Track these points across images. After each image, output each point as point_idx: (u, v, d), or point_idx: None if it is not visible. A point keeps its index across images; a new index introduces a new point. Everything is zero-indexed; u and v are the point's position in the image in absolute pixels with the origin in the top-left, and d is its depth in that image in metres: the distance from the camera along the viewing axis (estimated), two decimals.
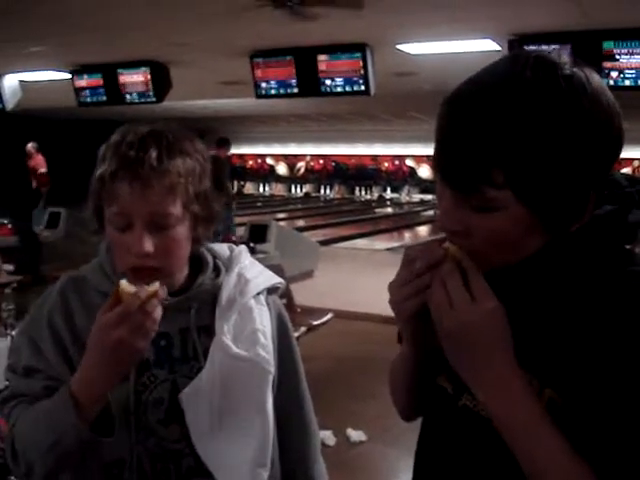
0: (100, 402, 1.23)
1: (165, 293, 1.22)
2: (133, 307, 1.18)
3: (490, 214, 0.91)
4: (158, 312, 1.20)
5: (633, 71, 5.64)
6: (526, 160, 0.87)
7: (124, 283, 1.20)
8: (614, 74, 5.64)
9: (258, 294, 1.46)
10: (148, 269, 1.29)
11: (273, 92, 7.49)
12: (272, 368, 1.40)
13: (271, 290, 1.51)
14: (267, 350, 1.40)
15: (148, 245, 1.26)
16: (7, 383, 1.40)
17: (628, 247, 0.99)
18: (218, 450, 1.34)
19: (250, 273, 1.47)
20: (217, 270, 1.47)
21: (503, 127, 0.87)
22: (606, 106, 0.90)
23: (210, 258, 1.48)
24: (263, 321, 1.44)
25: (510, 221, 0.91)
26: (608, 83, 5.63)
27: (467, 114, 0.90)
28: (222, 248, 1.53)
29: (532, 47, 5.38)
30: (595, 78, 0.91)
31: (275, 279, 1.52)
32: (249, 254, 1.55)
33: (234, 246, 1.55)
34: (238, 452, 1.36)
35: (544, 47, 5.21)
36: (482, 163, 0.88)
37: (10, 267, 7.93)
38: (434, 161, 0.96)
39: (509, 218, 0.91)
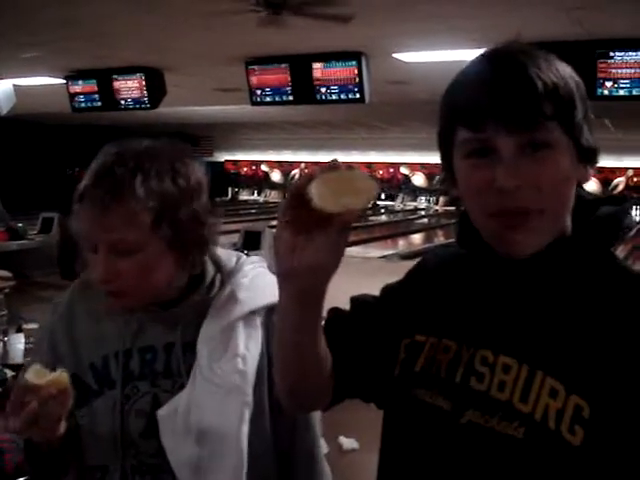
0: (49, 443, 1.26)
1: (66, 378, 1.22)
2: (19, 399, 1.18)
3: (547, 152, 0.94)
4: (34, 405, 1.17)
5: (627, 81, 5.65)
6: (564, 92, 0.95)
7: (32, 370, 1.20)
8: (608, 84, 5.65)
9: (253, 314, 1.39)
10: (115, 292, 1.29)
11: (268, 99, 7.49)
12: (248, 397, 1.34)
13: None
14: (244, 377, 1.34)
15: (107, 272, 1.25)
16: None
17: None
18: (193, 470, 1.31)
19: (245, 292, 1.39)
20: (212, 285, 1.41)
21: (543, 67, 0.94)
22: None
23: (211, 271, 1.42)
24: (249, 345, 1.37)
25: (565, 154, 0.95)
26: (602, 93, 5.65)
27: (513, 61, 0.96)
28: (229, 258, 1.46)
29: None
30: None
31: (275, 298, 1.44)
32: (259, 264, 1.47)
33: (243, 257, 1.48)
34: (213, 474, 1.32)
35: None
36: (537, 97, 0.92)
37: (5, 273, 7.87)
38: (481, 112, 0.95)
39: (563, 151, 0.95)
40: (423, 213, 21.95)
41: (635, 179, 18.73)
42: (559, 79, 0.94)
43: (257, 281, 1.43)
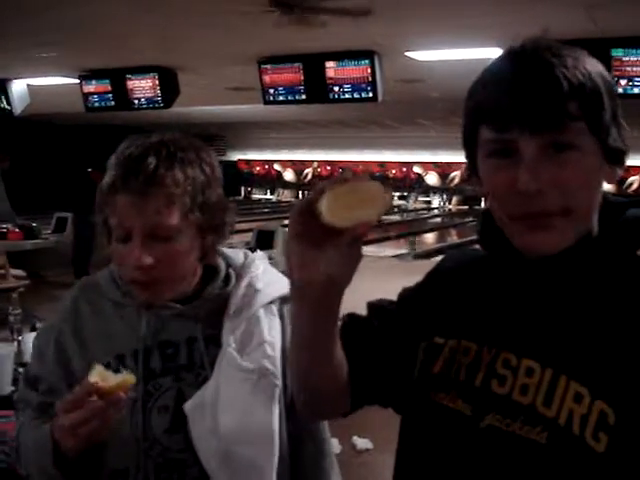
0: (79, 449, 1.21)
1: (133, 380, 1.19)
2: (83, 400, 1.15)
3: (571, 154, 0.92)
4: (95, 406, 1.14)
5: None
6: (591, 92, 0.92)
7: (96, 372, 1.16)
8: (623, 82, 5.61)
9: (270, 304, 1.42)
10: (148, 281, 1.29)
11: (281, 98, 7.47)
12: (278, 381, 1.36)
13: (287, 299, 1.42)
14: (274, 362, 1.37)
15: (144, 258, 1.26)
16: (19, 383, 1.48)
17: None
18: (222, 462, 1.32)
19: (261, 282, 1.43)
20: (227, 279, 1.44)
21: (570, 65, 0.92)
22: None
23: (223, 266, 1.46)
24: (272, 332, 1.39)
25: (590, 156, 0.93)
26: (617, 91, 5.61)
27: (539, 60, 0.93)
28: (236, 255, 1.49)
29: None
30: None
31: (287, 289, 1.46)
32: (265, 260, 1.51)
33: (249, 252, 1.52)
34: (243, 465, 1.33)
35: None
36: (562, 97, 0.90)
37: (19, 272, 7.92)
38: (504, 112, 0.93)
39: (589, 152, 0.93)
40: (436, 212, 21.90)
41: None
42: (586, 78, 0.92)
43: (269, 274, 1.47)
